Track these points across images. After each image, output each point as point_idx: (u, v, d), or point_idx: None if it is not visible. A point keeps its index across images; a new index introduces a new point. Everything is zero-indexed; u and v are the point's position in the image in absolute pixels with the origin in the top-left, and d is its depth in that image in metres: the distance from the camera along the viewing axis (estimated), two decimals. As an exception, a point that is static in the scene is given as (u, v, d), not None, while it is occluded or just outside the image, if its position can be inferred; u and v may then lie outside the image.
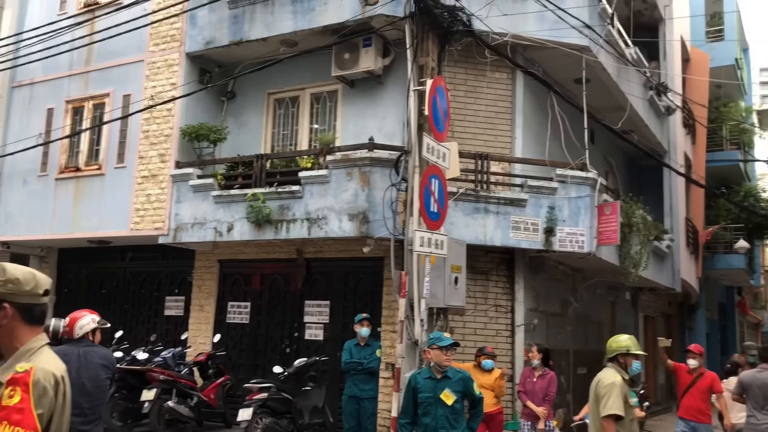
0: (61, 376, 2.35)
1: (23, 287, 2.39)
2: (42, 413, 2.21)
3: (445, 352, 5.35)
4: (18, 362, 2.29)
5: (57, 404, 2.29)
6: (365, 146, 9.33)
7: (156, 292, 12.77)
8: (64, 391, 2.35)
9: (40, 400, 2.21)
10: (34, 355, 2.35)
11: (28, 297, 2.41)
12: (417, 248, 7.80)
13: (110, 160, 11.90)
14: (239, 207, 10.18)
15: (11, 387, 2.20)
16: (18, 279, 2.39)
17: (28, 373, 2.23)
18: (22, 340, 2.38)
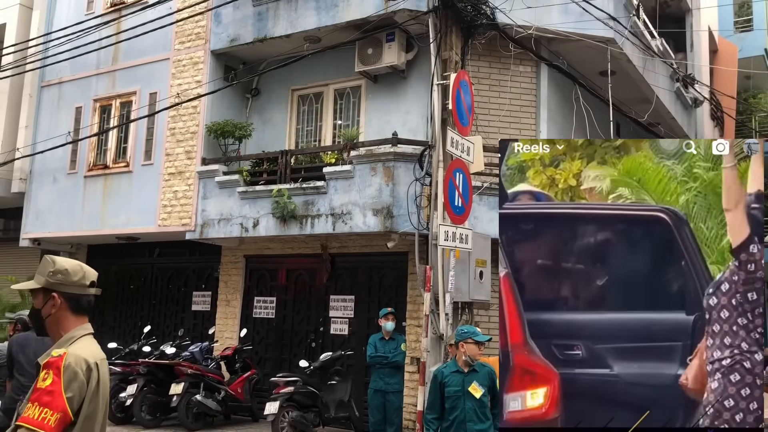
0: (95, 362, 2.41)
1: (71, 278, 2.51)
2: (72, 396, 2.27)
3: (480, 347, 5.38)
4: (58, 348, 2.38)
5: (89, 389, 2.34)
6: (389, 141, 9.35)
7: (183, 288, 12.93)
8: (98, 377, 2.41)
9: (70, 384, 2.28)
10: (74, 342, 2.45)
11: (76, 288, 2.52)
12: (441, 243, 7.80)
13: (137, 158, 12.06)
14: (264, 203, 10.26)
15: (45, 371, 2.30)
16: (67, 270, 2.50)
17: (61, 357, 2.31)
18: (68, 329, 2.48)
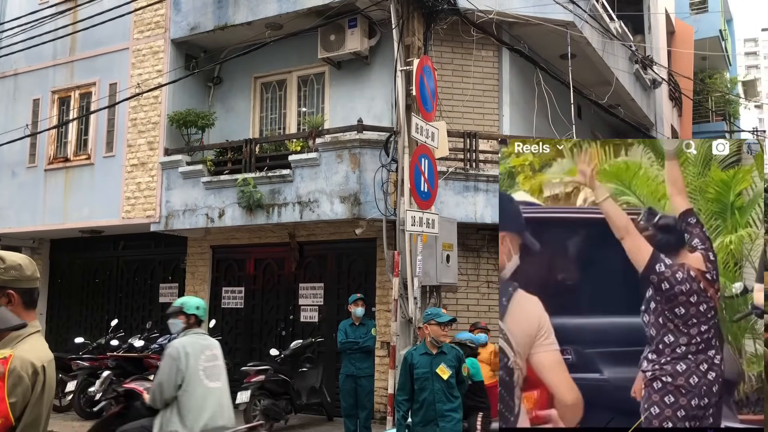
0: (41, 365, 2.29)
1: (25, 273, 2.41)
2: (15, 402, 2.17)
3: (443, 328, 5.48)
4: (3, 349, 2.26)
5: (34, 394, 2.24)
6: (354, 128, 9.37)
7: (150, 280, 12.82)
8: (44, 381, 2.29)
9: (14, 389, 2.17)
10: (21, 342, 2.33)
11: (29, 282, 2.44)
12: (409, 228, 7.87)
13: (99, 150, 11.87)
14: (230, 192, 10.21)
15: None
16: (20, 265, 2.41)
17: (6, 360, 2.20)
18: None
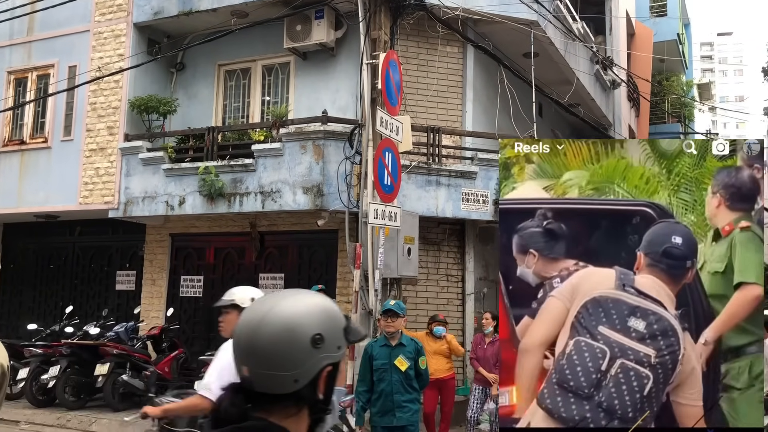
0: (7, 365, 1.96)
1: None
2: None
3: (385, 319, 5.58)
4: None
5: None
6: (319, 119, 9.38)
7: (107, 267, 12.63)
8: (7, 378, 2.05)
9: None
10: None
11: None
12: (371, 220, 7.94)
13: (56, 133, 11.63)
14: (191, 180, 10.12)
15: None
16: None
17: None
18: None
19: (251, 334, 1.37)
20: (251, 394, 1.40)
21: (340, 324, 1.46)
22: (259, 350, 1.35)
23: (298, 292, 1.48)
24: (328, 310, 1.44)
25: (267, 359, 1.35)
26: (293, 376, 1.37)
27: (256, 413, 1.40)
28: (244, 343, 1.38)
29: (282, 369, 1.34)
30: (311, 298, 1.45)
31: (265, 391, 1.38)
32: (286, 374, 1.35)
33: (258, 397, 1.40)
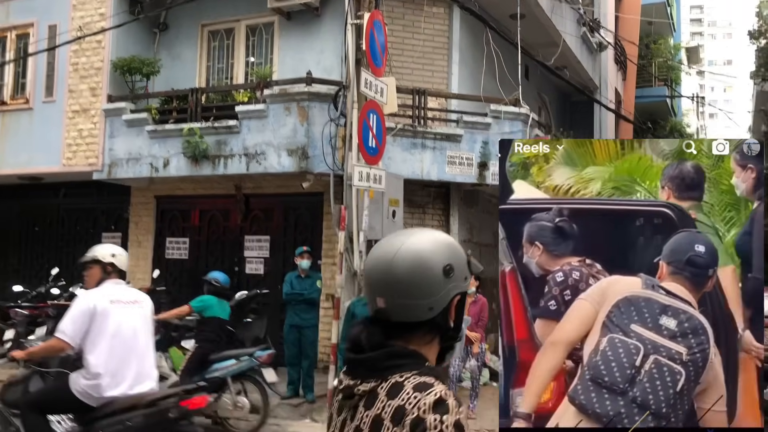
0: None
1: None
2: None
3: None
4: None
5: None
6: (303, 81, 9.32)
7: (92, 229, 12.61)
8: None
9: None
10: None
11: None
12: (356, 183, 7.96)
13: (38, 94, 11.48)
14: (175, 142, 10.07)
15: None
16: None
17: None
18: None
19: (387, 268, 1.47)
20: (387, 324, 1.49)
21: (464, 257, 1.58)
22: (396, 282, 1.45)
23: (424, 230, 1.60)
24: (454, 244, 1.57)
25: (404, 289, 1.45)
26: (428, 304, 1.47)
27: (394, 342, 1.49)
28: (381, 277, 1.48)
29: (418, 298, 1.45)
30: (437, 233, 1.58)
31: (403, 320, 1.48)
32: (423, 302, 1.46)
33: (394, 327, 1.49)
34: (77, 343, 4.11)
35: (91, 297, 4.22)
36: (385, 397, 1.43)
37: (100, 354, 4.08)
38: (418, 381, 1.44)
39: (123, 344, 4.14)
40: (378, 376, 1.46)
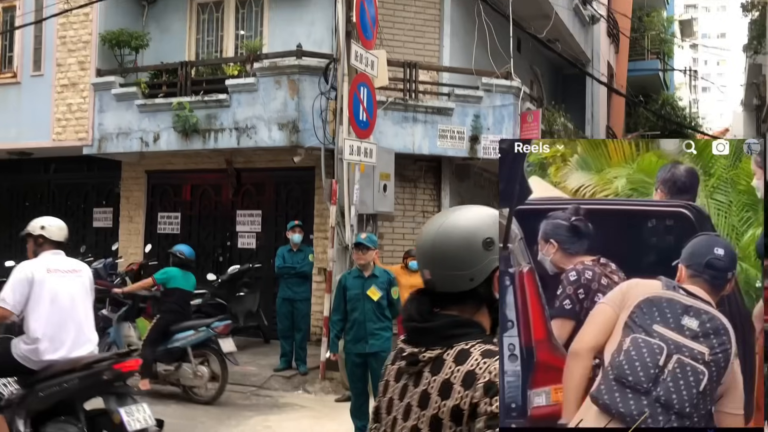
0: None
1: None
2: None
3: (356, 252, 5.76)
4: None
5: None
6: (293, 54, 9.25)
7: (83, 204, 12.60)
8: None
9: None
10: None
11: None
12: (347, 157, 7.97)
13: (26, 68, 11.37)
14: (165, 116, 10.02)
15: None
16: None
17: None
18: None
19: (431, 241, 1.57)
20: (434, 295, 1.58)
21: None
22: (439, 254, 1.55)
23: (471, 206, 1.69)
24: (496, 219, 1.63)
25: (445, 261, 1.54)
26: (469, 275, 1.55)
27: (445, 311, 1.58)
28: (426, 250, 1.58)
29: (459, 269, 1.53)
30: (481, 209, 1.65)
31: (448, 290, 1.56)
32: (464, 273, 1.54)
33: (441, 297, 1.58)
34: (19, 310, 4.30)
35: (27, 266, 4.43)
36: (453, 363, 1.51)
37: (38, 320, 4.28)
38: (484, 348, 1.53)
39: (61, 310, 4.33)
40: (444, 344, 1.54)
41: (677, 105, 23.19)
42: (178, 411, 7.06)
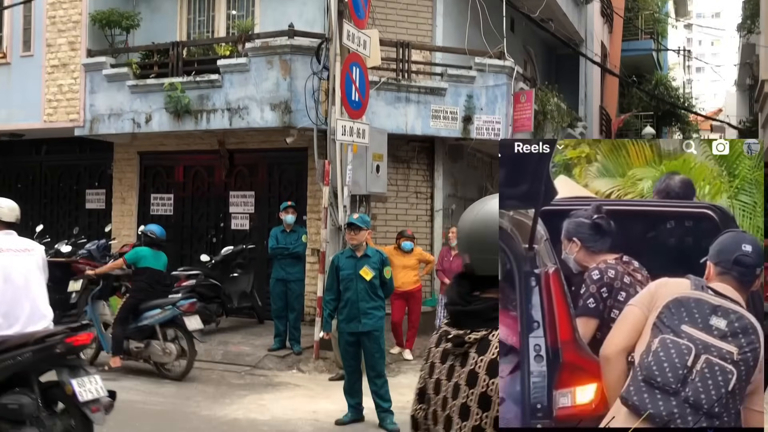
0: None
1: None
2: None
3: (348, 232, 5.78)
4: None
5: None
6: (285, 33, 9.20)
7: (75, 186, 12.57)
8: None
9: None
10: None
11: None
12: (339, 137, 7.96)
13: (15, 48, 11.27)
14: (157, 97, 9.97)
15: None
16: None
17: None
18: None
19: (469, 227, 1.67)
20: (474, 278, 1.67)
21: None
22: (477, 239, 1.64)
23: None
24: None
25: (484, 246, 1.62)
26: None
27: (485, 294, 1.66)
28: (464, 235, 1.68)
29: (494, 253, 1.58)
30: None
31: (485, 274, 1.63)
32: (498, 257, 1.61)
33: (480, 280, 1.66)
34: None
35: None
36: (498, 343, 1.59)
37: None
38: None
39: (15, 288, 4.43)
40: (488, 326, 1.62)
41: (671, 85, 23.20)
42: (173, 390, 7.12)
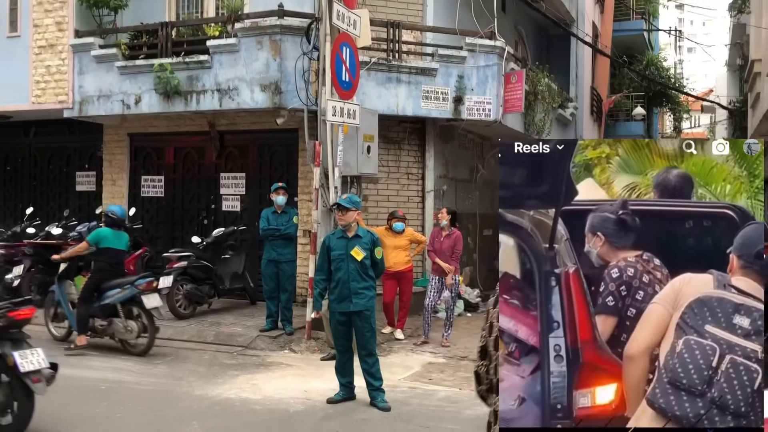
0: None
1: None
2: None
3: (337, 213, 5.82)
4: None
5: None
6: (275, 13, 9.13)
7: (65, 168, 12.51)
8: None
9: None
10: None
11: None
12: (330, 118, 7.94)
13: (1, 29, 11.15)
14: (146, 78, 9.90)
15: None
16: None
17: None
18: None
19: None
20: None
21: None
22: None
23: None
24: None
25: None
26: None
27: None
28: None
29: None
30: None
31: None
32: None
33: None
34: None
35: None
36: None
37: None
38: None
39: None
40: None
41: (662, 66, 23.17)
42: (166, 371, 7.15)
